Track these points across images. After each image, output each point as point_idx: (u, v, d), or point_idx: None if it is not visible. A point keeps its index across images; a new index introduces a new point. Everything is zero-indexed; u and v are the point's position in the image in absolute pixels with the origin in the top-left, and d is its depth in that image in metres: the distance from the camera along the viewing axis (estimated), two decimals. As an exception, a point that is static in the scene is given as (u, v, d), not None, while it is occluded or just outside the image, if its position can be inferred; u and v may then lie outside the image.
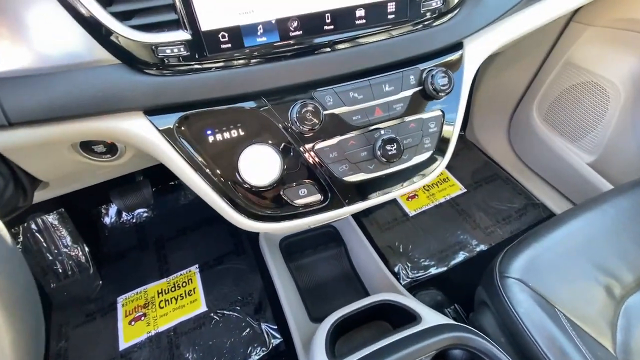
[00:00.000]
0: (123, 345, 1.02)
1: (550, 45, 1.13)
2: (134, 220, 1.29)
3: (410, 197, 1.33)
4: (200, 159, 0.46)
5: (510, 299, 0.60)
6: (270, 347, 0.99)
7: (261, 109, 0.46)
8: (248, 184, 0.47)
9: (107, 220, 1.27)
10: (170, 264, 1.19)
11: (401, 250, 1.18)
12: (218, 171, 0.47)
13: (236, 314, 1.06)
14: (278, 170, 0.47)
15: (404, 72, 0.51)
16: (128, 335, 1.04)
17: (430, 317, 0.67)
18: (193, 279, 1.15)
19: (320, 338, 0.70)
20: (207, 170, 0.47)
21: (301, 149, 0.48)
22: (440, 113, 0.55)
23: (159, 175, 1.33)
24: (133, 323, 1.07)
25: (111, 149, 0.56)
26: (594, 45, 1.03)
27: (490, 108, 1.42)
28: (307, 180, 0.50)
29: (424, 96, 0.53)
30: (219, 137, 0.46)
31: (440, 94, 0.51)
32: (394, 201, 1.33)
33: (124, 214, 1.28)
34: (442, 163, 0.57)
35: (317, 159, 0.49)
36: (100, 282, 1.15)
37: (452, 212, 1.27)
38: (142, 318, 1.07)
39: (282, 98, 0.47)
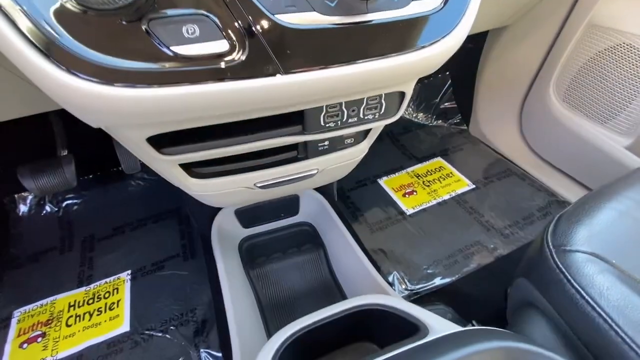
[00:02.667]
0: (3, 378, 0.72)
1: (567, 9, 0.96)
2: (60, 214, 1.02)
3: (406, 193, 1.09)
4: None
5: (582, 284, 0.34)
6: (210, 384, 0.69)
7: None
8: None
9: (23, 211, 1.00)
10: (96, 269, 0.91)
11: (396, 255, 0.91)
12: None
13: (168, 336, 0.76)
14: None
15: None
16: (13, 365, 0.74)
17: (441, 327, 0.41)
18: (120, 289, 0.86)
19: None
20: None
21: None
22: None
23: (98, 160, 1.08)
24: (25, 346, 0.76)
25: None
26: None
27: (498, 96, 1.23)
28: (200, 11, 0.26)
29: None
30: None
31: None
32: (382, 192, 1.08)
33: (46, 205, 1.02)
34: (462, 26, 0.33)
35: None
36: (-3, 290, 0.86)
37: (460, 211, 1.03)
38: (39, 339, 0.77)
39: None
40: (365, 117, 0.40)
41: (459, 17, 0.33)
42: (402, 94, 0.40)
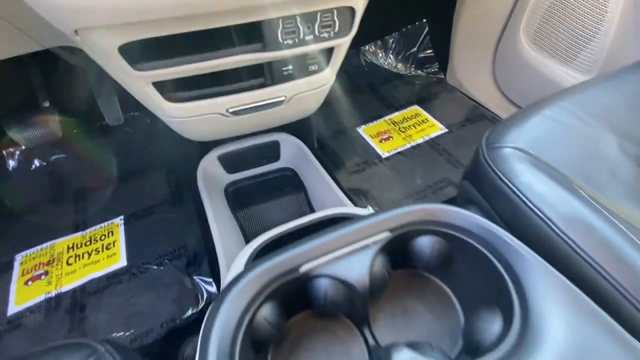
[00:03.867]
0: (13, 309, 0.79)
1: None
2: (50, 168, 1.06)
3: (383, 139, 1.14)
4: None
5: (504, 171, 0.41)
6: (204, 303, 0.77)
7: None
8: None
9: (12, 166, 1.03)
10: (90, 216, 0.97)
11: (372, 193, 0.99)
12: None
13: (163, 268, 0.84)
14: None
15: None
16: (21, 298, 0.81)
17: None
18: (115, 232, 0.92)
19: (238, 267, 0.50)
20: None
21: None
22: None
23: (86, 116, 1.10)
24: (30, 283, 0.83)
25: None
26: None
27: (473, 43, 1.25)
28: None
29: None
30: None
31: None
32: (361, 140, 1.14)
33: (35, 160, 1.05)
34: None
35: None
36: (-4, 237, 0.91)
37: (432, 153, 1.09)
38: (42, 277, 0.84)
39: None
40: (321, 35, 0.43)
41: None
42: (352, 10, 0.43)
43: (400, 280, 0.39)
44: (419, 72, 1.39)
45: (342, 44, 0.48)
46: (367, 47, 1.42)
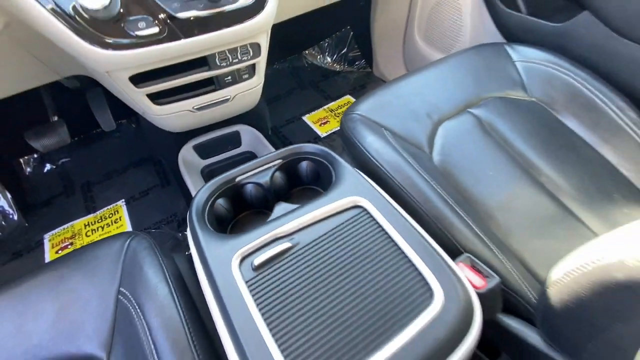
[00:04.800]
0: (50, 271, 1.07)
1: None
2: (58, 170, 1.33)
3: (322, 123, 1.47)
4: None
5: (349, 127, 0.75)
6: (193, 249, 1.08)
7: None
8: (86, 8, 0.56)
9: (29, 171, 1.30)
10: (97, 202, 1.25)
11: (313, 163, 1.31)
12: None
13: (160, 230, 1.14)
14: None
15: None
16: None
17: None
18: (120, 210, 1.22)
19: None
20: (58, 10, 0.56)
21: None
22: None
23: (82, 125, 1.38)
24: (60, 252, 1.12)
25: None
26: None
27: (387, 43, 1.60)
28: (145, 15, 0.60)
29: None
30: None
31: None
32: (305, 126, 1.47)
33: (46, 164, 1.32)
34: (265, 11, 0.69)
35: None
36: (27, 224, 1.19)
37: (358, 130, 1.43)
38: (69, 246, 1.13)
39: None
40: (243, 58, 0.75)
41: (262, 7, 0.69)
42: (258, 44, 0.75)
43: (298, 192, 0.72)
44: (351, 68, 1.73)
45: (259, 61, 0.80)
46: (307, 52, 1.74)
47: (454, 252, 0.58)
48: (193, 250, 0.56)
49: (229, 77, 0.81)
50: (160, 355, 0.48)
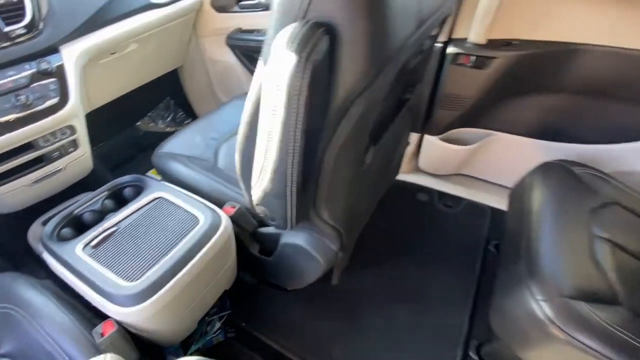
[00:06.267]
0: None
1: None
2: None
3: (165, 172, 1.81)
4: None
5: (159, 164, 1.14)
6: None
7: None
8: None
9: None
10: None
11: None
12: None
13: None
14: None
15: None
16: None
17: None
18: None
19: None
20: None
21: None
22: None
23: None
24: None
25: None
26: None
27: (202, 101, 2.08)
28: None
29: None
30: None
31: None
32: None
33: None
34: (67, 105, 1.04)
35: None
36: None
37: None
38: None
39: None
40: (62, 137, 1.08)
41: (65, 103, 1.05)
42: (72, 126, 1.09)
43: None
44: (182, 127, 2.14)
45: (78, 137, 1.12)
46: (139, 123, 2.08)
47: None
48: (48, 257, 0.84)
49: (57, 152, 1.11)
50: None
